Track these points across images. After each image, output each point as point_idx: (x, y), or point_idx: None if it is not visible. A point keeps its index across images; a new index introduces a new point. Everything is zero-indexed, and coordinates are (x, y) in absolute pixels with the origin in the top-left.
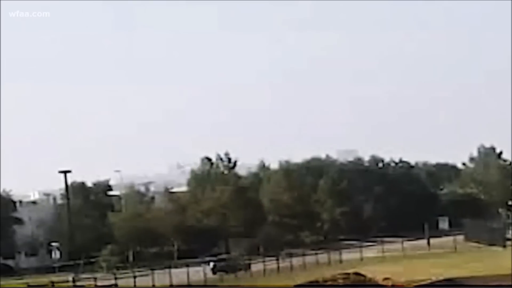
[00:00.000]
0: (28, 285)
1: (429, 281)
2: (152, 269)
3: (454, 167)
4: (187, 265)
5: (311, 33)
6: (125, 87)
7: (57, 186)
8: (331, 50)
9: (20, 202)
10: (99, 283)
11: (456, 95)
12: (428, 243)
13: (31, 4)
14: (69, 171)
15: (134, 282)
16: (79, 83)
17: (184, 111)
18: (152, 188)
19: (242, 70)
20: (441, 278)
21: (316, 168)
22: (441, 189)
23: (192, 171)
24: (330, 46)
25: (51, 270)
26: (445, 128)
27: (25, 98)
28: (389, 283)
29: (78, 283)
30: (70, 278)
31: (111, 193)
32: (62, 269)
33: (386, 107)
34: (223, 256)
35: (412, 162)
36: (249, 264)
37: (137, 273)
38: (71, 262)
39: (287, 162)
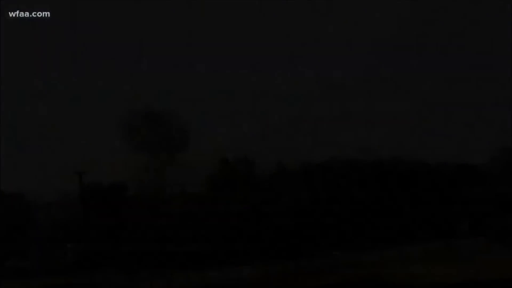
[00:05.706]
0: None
1: (450, 283)
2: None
3: (475, 168)
4: None
5: None
6: None
7: (73, 187)
8: None
9: (35, 202)
10: None
11: None
12: (449, 244)
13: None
14: (85, 172)
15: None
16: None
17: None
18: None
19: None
20: (462, 280)
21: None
22: (462, 190)
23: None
24: None
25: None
26: (467, 128)
27: (41, 96)
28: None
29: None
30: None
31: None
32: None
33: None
34: None
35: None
36: None
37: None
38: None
39: (306, 162)
